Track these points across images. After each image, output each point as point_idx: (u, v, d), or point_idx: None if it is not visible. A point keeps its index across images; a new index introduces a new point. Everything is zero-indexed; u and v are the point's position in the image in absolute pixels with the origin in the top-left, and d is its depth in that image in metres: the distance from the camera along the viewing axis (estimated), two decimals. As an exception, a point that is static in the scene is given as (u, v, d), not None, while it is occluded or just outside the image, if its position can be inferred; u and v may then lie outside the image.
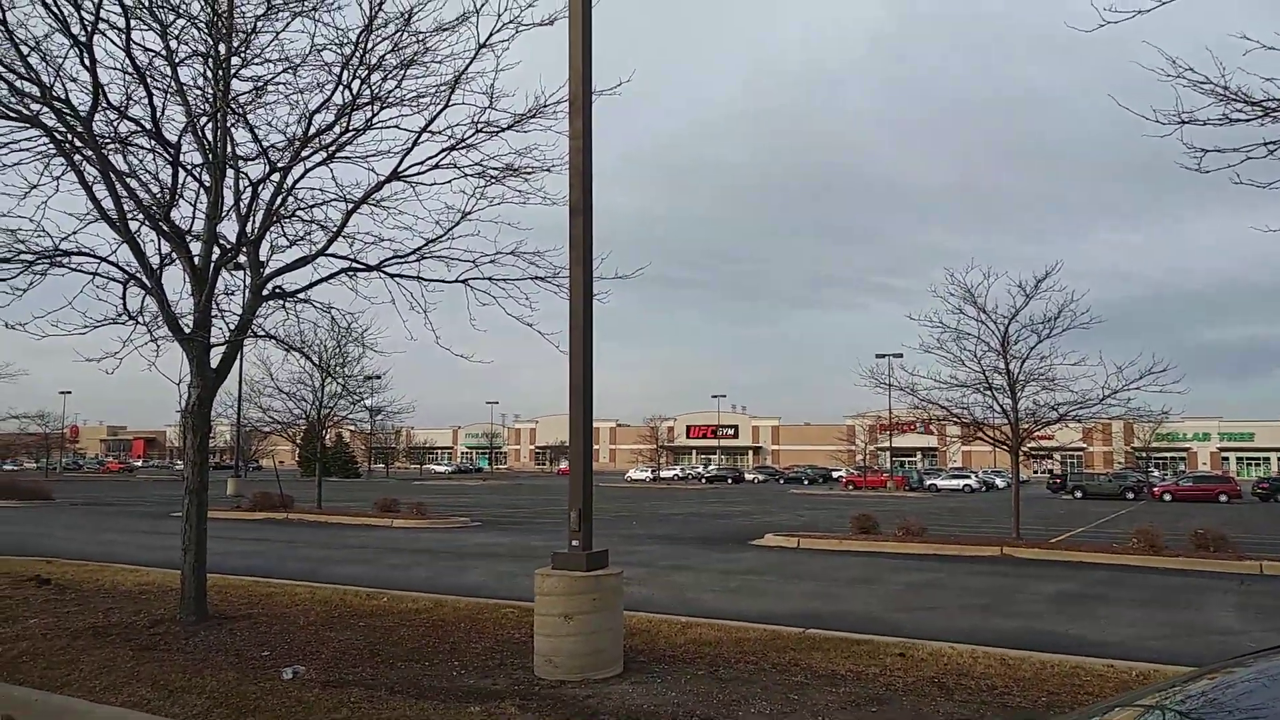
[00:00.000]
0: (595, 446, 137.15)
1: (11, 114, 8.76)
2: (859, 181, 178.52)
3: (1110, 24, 5.99)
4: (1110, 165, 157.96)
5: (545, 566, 7.90)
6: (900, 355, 30.72)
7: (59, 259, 9.40)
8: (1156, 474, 73.28)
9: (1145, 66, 6.18)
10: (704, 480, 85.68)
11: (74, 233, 9.39)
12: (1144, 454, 77.50)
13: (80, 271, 9.54)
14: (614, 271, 9.42)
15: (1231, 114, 6.17)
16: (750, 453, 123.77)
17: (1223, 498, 50.18)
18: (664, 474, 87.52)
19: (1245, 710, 2.32)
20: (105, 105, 9.06)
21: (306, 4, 9.10)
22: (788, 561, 18.78)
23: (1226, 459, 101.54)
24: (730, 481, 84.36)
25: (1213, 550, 19.06)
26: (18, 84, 8.71)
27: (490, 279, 10.05)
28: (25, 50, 8.66)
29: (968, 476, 69.69)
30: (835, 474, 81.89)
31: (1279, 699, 2.31)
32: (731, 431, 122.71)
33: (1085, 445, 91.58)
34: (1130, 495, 53.36)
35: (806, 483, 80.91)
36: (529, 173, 9.89)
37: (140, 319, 9.60)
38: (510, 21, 9.20)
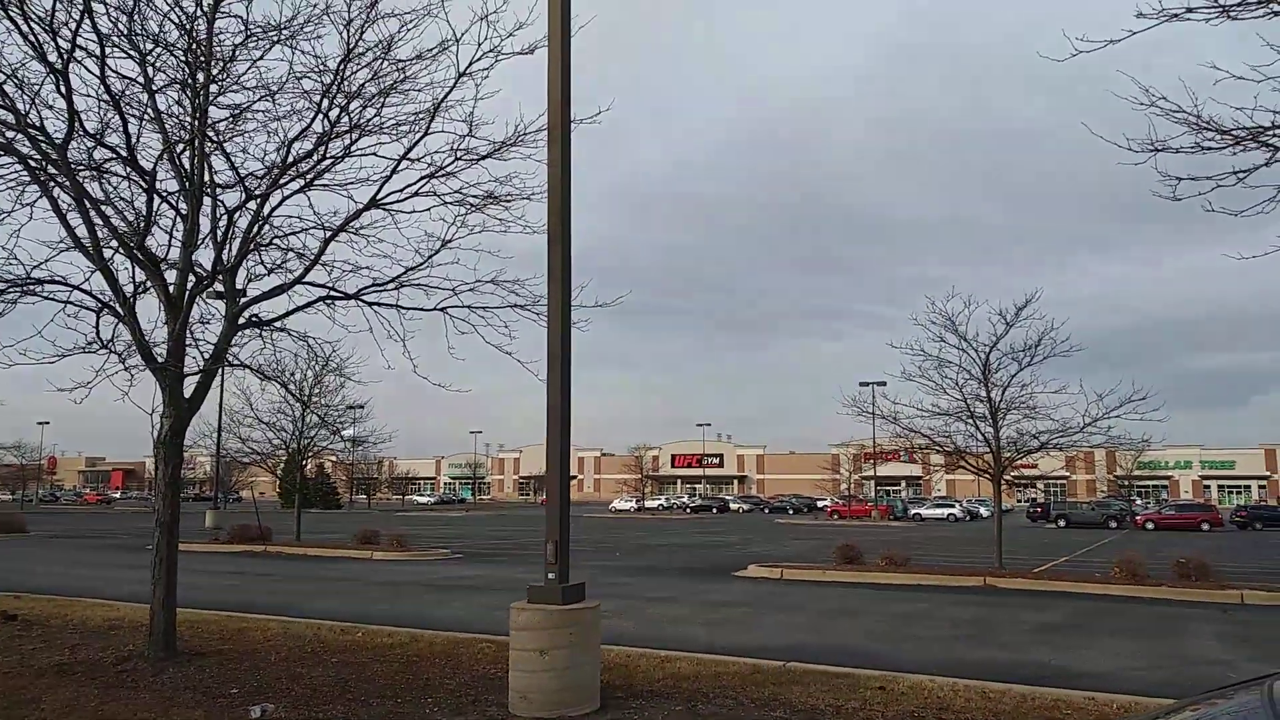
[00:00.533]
0: (579, 476, 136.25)
1: (-15, 142, 8.68)
2: (847, 212, 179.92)
3: (1082, 54, 6.05)
4: (1095, 197, 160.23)
5: (522, 600, 7.78)
6: (884, 384, 30.72)
7: (31, 287, 9.28)
8: (1139, 502, 73.49)
9: (1119, 95, 6.24)
10: (689, 510, 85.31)
11: (46, 260, 9.29)
12: (1126, 482, 77.76)
13: (52, 300, 9.42)
14: (594, 299, 9.41)
15: (1204, 143, 6.23)
16: (735, 482, 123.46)
17: (1205, 526, 50.31)
18: (649, 504, 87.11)
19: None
20: (81, 132, 9.00)
21: (285, 32, 9.10)
22: (771, 593, 18.63)
23: (1208, 487, 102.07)
24: (715, 511, 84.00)
25: (1195, 579, 19.05)
26: (-7, 112, 8.65)
27: (469, 307, 10.01)
28: (1, 78, 8.60)
29: (952, 506, 69.62)
30: (820, 503, 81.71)
31: None
32: (717, 461, 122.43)
33: (1068, 474, 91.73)
34: (1113, 524, 53.48)
35: (791, 512, 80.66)
36: (509, 201, 9.90)
37: (113, 348, 9.48)
38: (490, 50, 9.25)
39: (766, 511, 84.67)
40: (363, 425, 37.99)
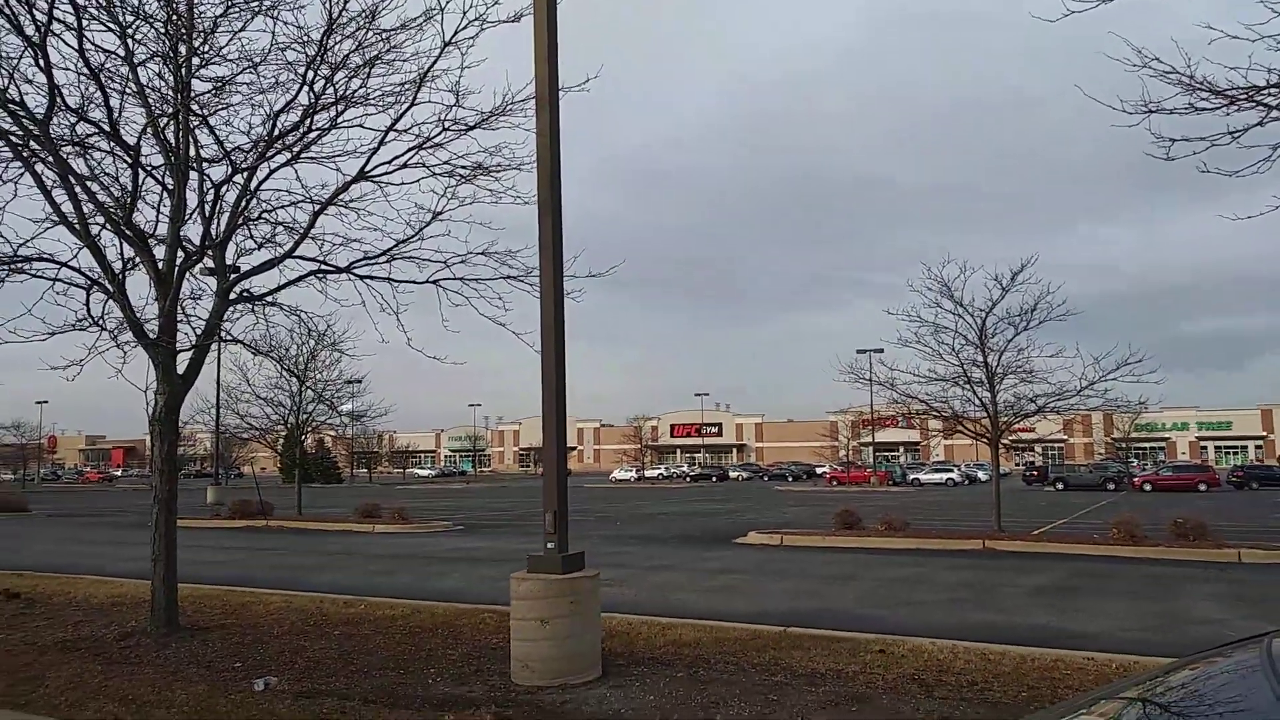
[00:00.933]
0: (579, 447, 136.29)
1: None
2: (839, 182, 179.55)
3: (1074, 14, 5.94)
4: (1089, 163, 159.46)
5: (522, 570, 7.79)
6: (880, 350, 30.80)
7: (19, 265, 9.20)
8: (1136, 464, 73.85)
9: (1112, 57, 6.14)
10: (688, 479, 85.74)
11: (33, 238, 9.21)
12: (1124, 444, 78.08)
13: (40, 277, 9.35)
14: (587, 270, 9.36)
15: (1197, 103, 6.14)
16: (734, 450, 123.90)
17: (1202, 486, 50.57)
18: (648, 473, 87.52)
19: (1225, 701, 2.25)
20: (63, 107, 8.88)
21: (266, 2, 8.94)
22: (770, 559, 18.72)
23: (1205, 448, 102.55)
24: (714, 480, 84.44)
25: (1192, 539, 19.14)
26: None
27: (462, 279, 9.94)
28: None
29: (950, 470, 69.91)
30: (819, 470, 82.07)
31: (1258, 689, 2.24)
32: (715, 430, 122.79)
33: (1066, 437, 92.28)
34: (1111, 486, 53.73)
35: (790, 479, 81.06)
36: (499, 171, 9.79)
37: (104, 325, 9.43)
38: (476, 19, 9.11)
39: (765, 479, 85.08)
40: (361, 400, 38.07)
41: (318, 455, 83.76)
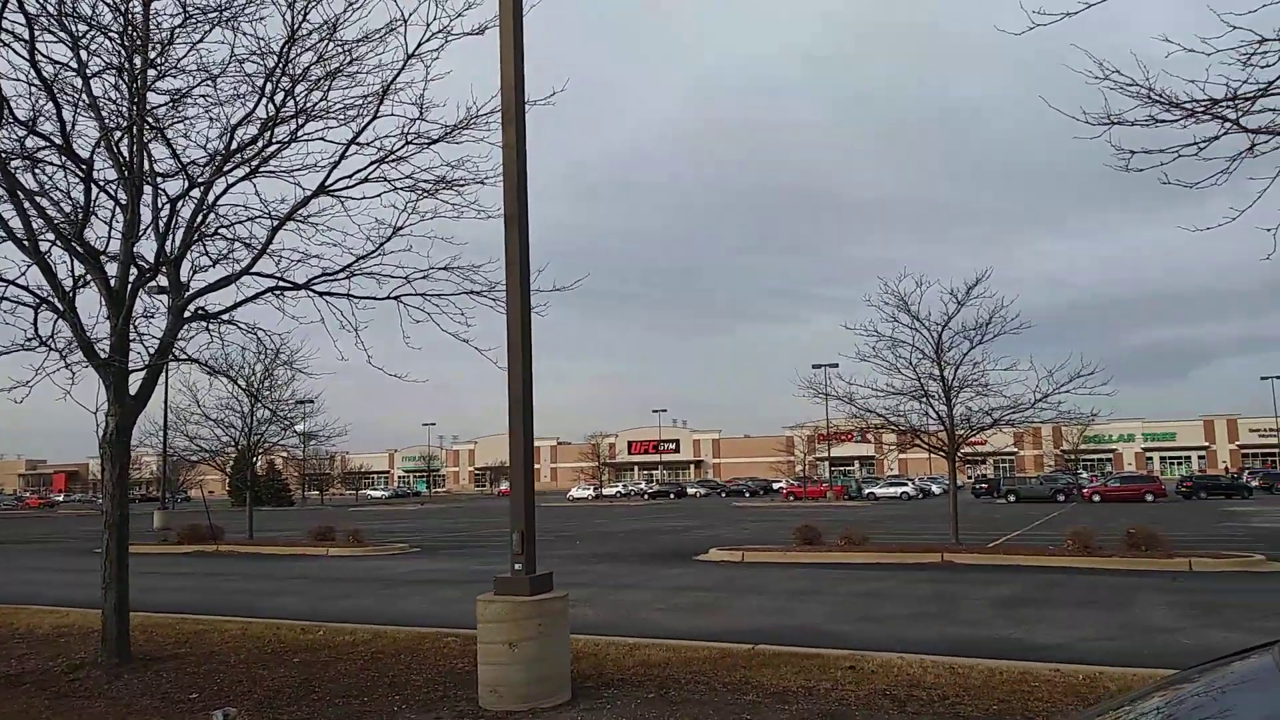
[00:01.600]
0: (536, 466, 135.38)
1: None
2: (799, 194, 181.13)
3: (1039, 27, 6.04)
4: (1045, 175, 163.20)
5: (488, 592, 7.64)
6: (836, 365, 31.07)
7: (-38, 284, 8.87)
8: (1085, 475, 75.32)
9: (1074, 69, 6.24)
10: (647, 496, 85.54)
11: (-23, 256, 8.88)
12: (1073, 456, 79.58)
13: (-15, 297, 9.01)
14: (552, 283, 9.30)
15: (1158, 115, 6.25)
16: (692, 467, 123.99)
17: (1149, 497, 51.59)
18: (607, 491, 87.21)
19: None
20: (11, 120, 8.61)
21: (225, 13, 8.77)
22: (734, 576, 18.68)
23: (1150, 459, 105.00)
24: (673, 496, 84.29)
25: (1144, 549, 19.48)
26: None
27: (424, 295, 9.80)
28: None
29: (905, 484, 70.58)
30: (776, 485, 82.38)
31: (1228, 713, 2.26)
32: (673, 446, 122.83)
33: (1017, 449, 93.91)
34: (1061, 497, 54.60)
35: (748, 495, 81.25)
36: (462, 185, 9.69)
37: (53, 344, 9.11)
38: (440, 31, 9.02)
39: (724, 495, 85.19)
40: (314, 420, 37.41)
41: (268, 478, 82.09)
